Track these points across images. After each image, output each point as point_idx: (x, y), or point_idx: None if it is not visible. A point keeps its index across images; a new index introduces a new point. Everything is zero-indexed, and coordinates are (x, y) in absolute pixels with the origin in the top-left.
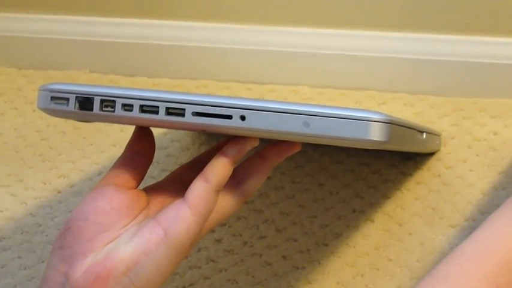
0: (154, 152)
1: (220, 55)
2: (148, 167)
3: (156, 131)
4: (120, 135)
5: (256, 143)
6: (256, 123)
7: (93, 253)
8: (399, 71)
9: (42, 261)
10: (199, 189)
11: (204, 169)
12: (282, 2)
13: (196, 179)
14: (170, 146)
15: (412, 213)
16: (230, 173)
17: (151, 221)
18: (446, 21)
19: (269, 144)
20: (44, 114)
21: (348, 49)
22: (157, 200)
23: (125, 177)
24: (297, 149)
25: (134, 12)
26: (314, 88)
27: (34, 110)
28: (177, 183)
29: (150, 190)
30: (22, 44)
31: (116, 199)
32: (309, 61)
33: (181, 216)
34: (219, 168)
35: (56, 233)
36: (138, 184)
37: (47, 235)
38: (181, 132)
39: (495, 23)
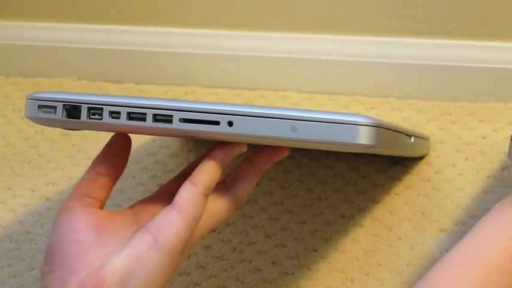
0: (125, 164)
1: (209, 61)
2: (116, 181)
3: (144, 137)
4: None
5: (244, 148)
6: (243, 129)
7: (85, 270)
8: (387, 75)
9: (32, 269)
10: (187, 192)
11: (192, 173)
12: (269, 8)
13: (184, 183)
14: (159, 152)
15: (401, 217)
16: (218, 176)
17: (141, 230)
18: (435, 25)
19: (257, 150)
20: (32, 122)
21: (336, 54)
22: (147, 214)
23: (88, 200)
24: (285, 154)
25: (122, 19)
26: (302, 93)
27: (22, 118)
28: (167, 197)
29: (140, 204)
30: (10, 51)
31: (89, 218)
32: (297, 66)
33: (170, 220)
34: (207, 171)
35: (45, 240)
36: (106, 199)
37: (36, 243)
38: (170, 138)
39: (483, 27)
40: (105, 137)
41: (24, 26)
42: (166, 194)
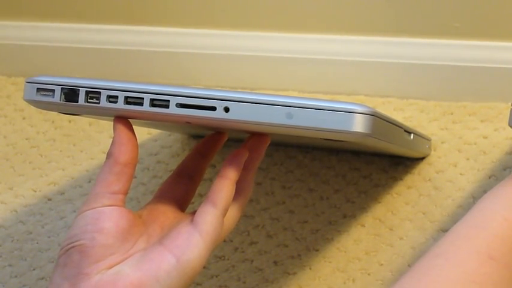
0: (138, 147)
1: (209, 61)
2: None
3: (145, 137)
4: (110, 142)
5: (247, 154)
6: (239, 115)
7: (98, 275)
8: (389, 75)
9: (33, 269)
10: (209, 215)
11: (210, 194)
12: (271, 7)
13: (203, 205)
14: (160, 152)
15: (402, 217)
16: (233, 194)
17: (159, 247)
18: (436, 25)
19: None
20: (34, 122)
21: (337, 54)
22: (156, 224)
23: (119, 198)
24: (268, 141)
25: (123, 19)
26: (303, 93)
27: (24, 118)
28: (169, 201)
29: (146, 211)
30: (11, 51)
31: (120, 222)
32: (299, 66)
33: (194, 243)
34: (225, 192)
35: (46, 241)
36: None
37: (37, 243)
38: (171, 138)
39: (484, 27)
40: (106, 137)
41: (25, 26)
42: (168, 199)
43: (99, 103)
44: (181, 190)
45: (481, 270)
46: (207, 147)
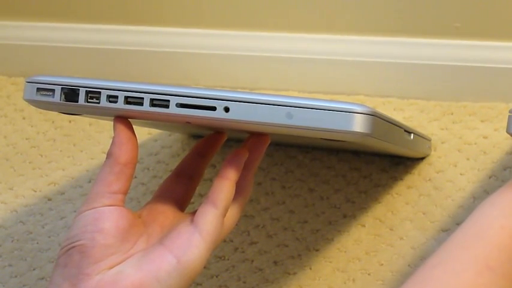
0: (138, 146)
1: (209, 61)
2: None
3: (145, 137)
4: (110, 142)
5: (247, 154)
6: (239, 115)
7: (99, 275)
8: (389, 75)
9: (34, 269)
10: (210, 216)
11: (210, 195)
12: (270, 7)
13: (203, 205)
14: (160, 152)
15: (403, 217)
16: (233, 193)
17: (159, 247)
18: (436, 25)
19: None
20: (34, 122)
21: (337, 54)
22: (156, 224)
23: (119, 198)
24: (268, 141)
25: (123, 19)
26: (303, 93)
27: (24, 118)
28: (169, 201)
29: (146, 211)
30: (11, 51)
31: (120, 222)
32: (299, 66)
33: (194, 244)
34: (225, 192)
35: (46, 241)
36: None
37: (37, 243)
38: (171, 138)
39: (485, 27)
40: (106, 137)
41: (25, 26)
42: (167, 198)
43: (99, 103)
44: (181, 190)
45: (479, 280)
46: (206, 147)
